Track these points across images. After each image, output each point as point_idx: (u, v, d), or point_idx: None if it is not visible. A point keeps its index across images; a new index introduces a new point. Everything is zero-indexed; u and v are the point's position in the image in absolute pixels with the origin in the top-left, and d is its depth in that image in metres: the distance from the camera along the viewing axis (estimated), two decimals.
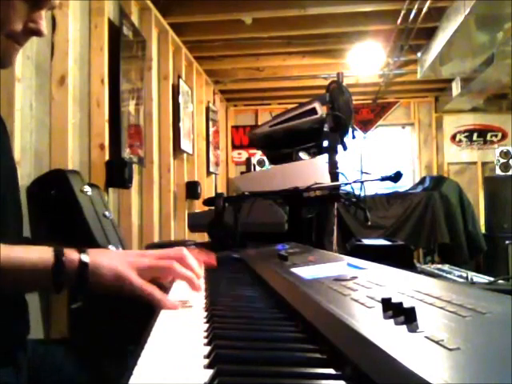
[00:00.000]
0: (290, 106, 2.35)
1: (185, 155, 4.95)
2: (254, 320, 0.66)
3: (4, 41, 0.82)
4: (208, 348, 0.52)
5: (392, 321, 0.45)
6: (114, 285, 0.74)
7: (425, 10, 4.12)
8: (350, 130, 2.04)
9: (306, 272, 0.80)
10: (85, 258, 0.73)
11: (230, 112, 7.89)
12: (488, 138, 7.36)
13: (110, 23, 3.22)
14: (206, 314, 0.70)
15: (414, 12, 4.18)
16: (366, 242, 1.88)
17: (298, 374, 0.45)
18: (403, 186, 6.03)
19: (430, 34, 4.84)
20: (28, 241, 1.06)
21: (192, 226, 2.44)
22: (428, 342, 0.39)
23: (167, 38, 4.45)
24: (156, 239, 3.98)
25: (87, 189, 2.40)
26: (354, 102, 2.20)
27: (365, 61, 5.41)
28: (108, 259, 0.75)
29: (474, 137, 7.39)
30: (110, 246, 2.35)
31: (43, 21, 0.85)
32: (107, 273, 0.74)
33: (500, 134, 7.34)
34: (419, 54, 5.45)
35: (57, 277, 0.71)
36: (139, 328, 0.65)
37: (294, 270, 0.84)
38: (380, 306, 0.49)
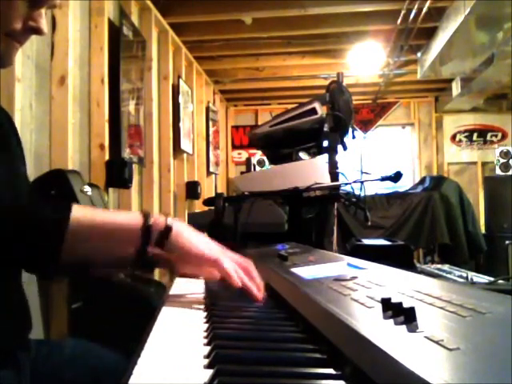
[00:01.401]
0: (290, 106, 2.34)
1: (185, 155, 4.95)
2: (254, 320, 0.66)
3: (4, 40, 0.82)
4: (208, 348, 0.53)
5: (392, 321, 0.45)
6: (188, 250, 0.81)
7: (425, 10, 4.12)
8: (350, 130, 2.04)
9: (306, 272, 0.80)
10: (170, 222, 0.80)
11: (230, 112, 7.89)
12: (488, 137, 7.36)
13: (110, 23, 3.22)
14: (205, 314, 0.70)
15: (414, 12, 4.18)
16: (366, 241, 1.88)
17: (298, 374, 0.45)
18: (403, 185, 6.02)
19: (430, 33, 4.84)
20: None
21: (192, 226, 2.43)
22: (428, 341, 0.39)
23: (167, 38, 4.45)
24: None
25: (87, 189, 2.40)
26: (354, 102, 2.20)
27: (365, 61, 5.41)
28: (189, 231, 0.83)
29: (474, 137, 7.39)
30: None
31: (43, 19, 0.85)
32: (185, 240, 0.81)
33: (500, 134, 7.34)
34: (419, 54, 5.45)
35: (145, 236, 0.78)
36: (139, 328, 0.65)
37: (294, 269, 0.84)
38: (380, 306, 0.49)
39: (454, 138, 7.45)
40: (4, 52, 0.83)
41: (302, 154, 2.00)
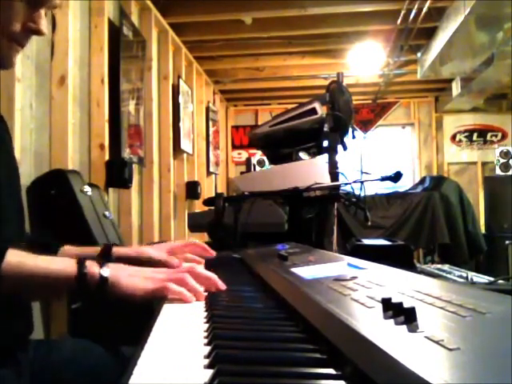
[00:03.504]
0: (290, 106, 2.34)
1: (185, 155, 4.95)
2: (254, 320, 0.66)
3: (5, 42, 0.82)
4: (208, 348, 0.53)
5: (392, 321, 0.45)
6: (130, 296, 0.79)
7: (425, 10, 4.12)
8: (350, 130, 2.04)
9: (306, 272, 0.80)
10: (105, 272, 0.78)
11: (229, 112, 7.89)
12: (488, 138, 7.36)
13: (110, 23, 3.22)
14: (205, 314, 0.70)
15: (414, 12, 4.18)
16: (366, 241, 1.88)
17: (298, 374, 0.45)
18: (403, 185, 6.02)
19: (430, 33, 4.84)
20: (30, 237, 1.06)
21: (192, 226, 2.44)
22: (428, 341, 0.39)
23: (167, 38, 4.45)
24: (156, 239, 3.98)
25: (87, 189, 2.40)
26: (354, 102, 2.20)
27: (365, 61, 5.40)
28: (126, 275, 0.81)
29: (474, 137, 7.39)
30: None
31: (43, 20, 0.85)
32: (125, 287, 0.79)
33: (500, 134, 7.34)
34: (419, 54, 5.45)
35: (80, 288, 0.77)
36: (139, 328, 0.65)
37: (293, 269, 0.84)
38: (380, 305, 0.49)
39: (454, 138, 7.45)
40: (5, 54, 0.84)
41: (301, 154, 2.00)
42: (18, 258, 0.75)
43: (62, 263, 0.79)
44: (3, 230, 0.86)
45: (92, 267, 0.78)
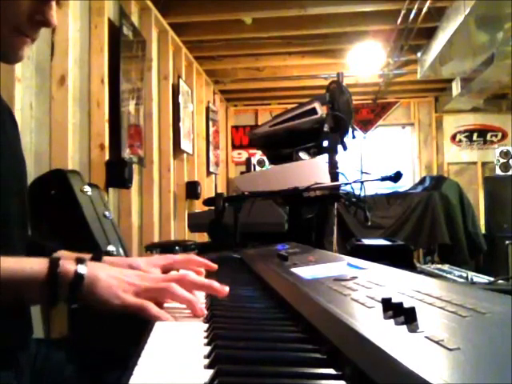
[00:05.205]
0: (289, 106, 2.34)
1: (185, 155, 4.95)
2: (253, 320, 0.66)
3: (12, 35, 0.81)
4: (208, 348, 0.53)
5: (392, 321, 0.45)
6: (106, 302, 0.71)
7: (425, 10, 4.12)
8: (350, 130, 2.04)
9: (306, 272, 0.80)
10: (82, 269, 0.70)
11: (229, 112, 7.89)
12: (488, 138, 7.36)
13: (110, 23, 3.22)
14: (206, 313, 0.70)
15: (414, 12, 4.18)
16: (366, 242, 1.88)
17: (298, 374, 0.45)
18: (403, 185, 6.02)
19: (430, 34, 4.84)
20: (29, 239, 1.05)
21: (192, 226, 2.44)
22: (428, 341, 0.39)
23: (167, 38, 4.45)
24: (156, 239, 3.98)
25: (87, 189, 2.40)
26: (354, 102, 2.20)
27: (365, 61, 5.41)
28: (106, 275, 0.72)
29: (474, 137, 7.40)
30: (109, 247, 2.35)
31: (53, 11, 0.83)
32: (102, 289, 0.70)
33: (500, 134, 7.34)
34: (419, 54, 5.45)
35: (51, 288, 0.68)
36: (140, 328, 0.65)
37: (294, 269, 0.84)
38: (380, 305, 0.49)
39: (454, 138, 7.46)
40: (13, 47, 0.82)
41: (301, 154, 2.00)
42: None
43: (31, 263, 0.70)
44: (7, 232, 0.85)
45: (67, 264, 0.69)
